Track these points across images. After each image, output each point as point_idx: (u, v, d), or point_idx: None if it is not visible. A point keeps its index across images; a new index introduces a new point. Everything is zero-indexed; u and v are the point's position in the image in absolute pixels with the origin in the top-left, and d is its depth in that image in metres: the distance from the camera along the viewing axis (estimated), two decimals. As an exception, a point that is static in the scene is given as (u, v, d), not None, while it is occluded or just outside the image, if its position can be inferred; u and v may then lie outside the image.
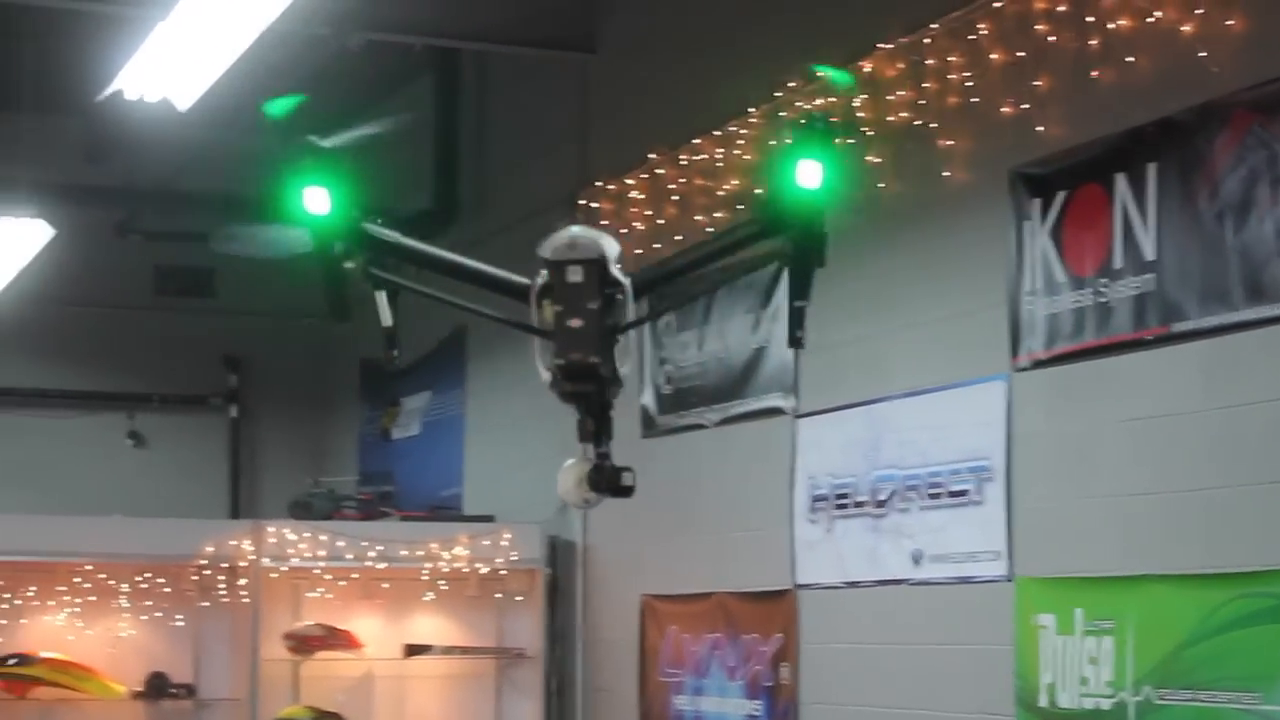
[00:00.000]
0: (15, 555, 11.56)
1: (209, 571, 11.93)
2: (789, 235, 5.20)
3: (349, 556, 11.99)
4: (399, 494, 14.24)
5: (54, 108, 14.36)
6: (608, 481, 5.35)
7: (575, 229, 5.24)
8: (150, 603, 11.96)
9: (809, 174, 5.05)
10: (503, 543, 12.16)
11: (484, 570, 12.19)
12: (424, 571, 12.15)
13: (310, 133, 5.21)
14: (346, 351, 16.11)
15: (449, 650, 12.37)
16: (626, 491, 5.44)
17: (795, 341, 5.46)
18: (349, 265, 5.33)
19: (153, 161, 14.26)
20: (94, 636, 11.91)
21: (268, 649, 11.90)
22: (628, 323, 5.23)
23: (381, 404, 15.29)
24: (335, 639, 12.10)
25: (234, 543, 11.88)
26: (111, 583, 11.87)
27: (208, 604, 12.00)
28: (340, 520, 12.68)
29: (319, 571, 12.10)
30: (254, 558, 11.86)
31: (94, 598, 11.88)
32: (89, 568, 11.79)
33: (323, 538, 11.98)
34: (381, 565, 12.05)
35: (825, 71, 7.31)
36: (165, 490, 15.61)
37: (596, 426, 5.38)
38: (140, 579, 11.89)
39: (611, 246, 5.23)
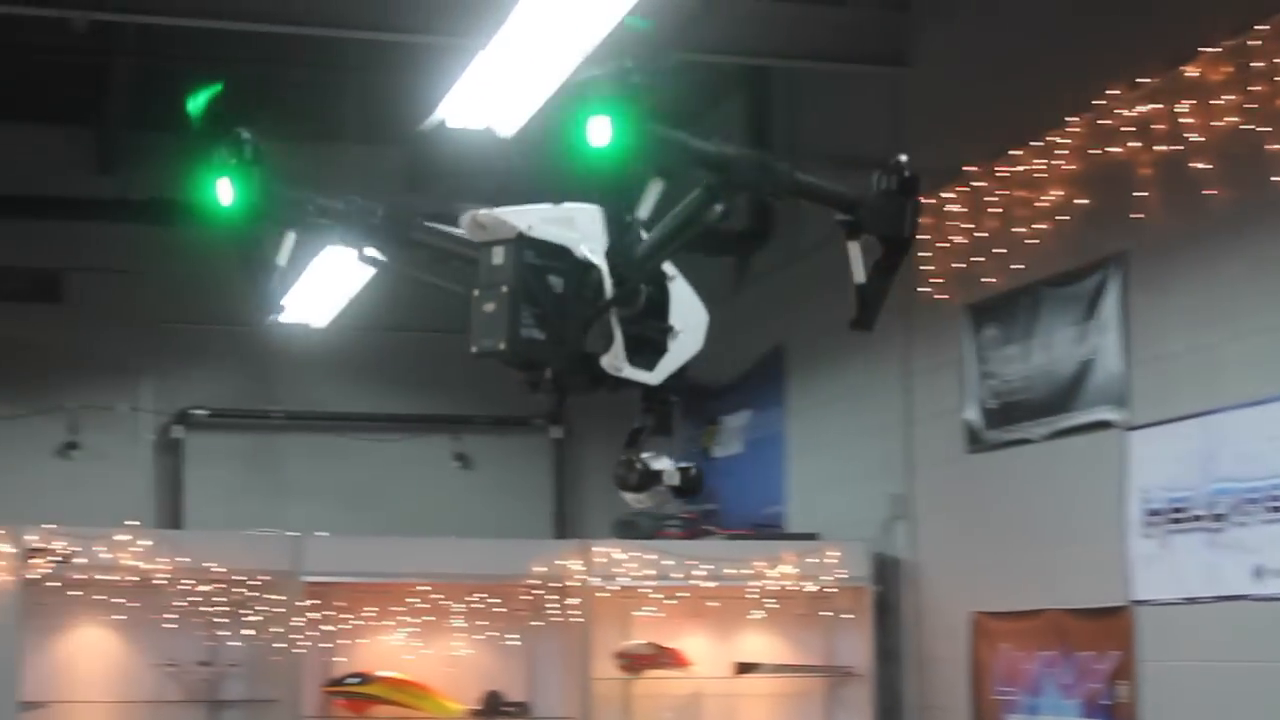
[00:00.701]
0: (355, 576, 11.82)
1: (540, 591, 12.08)
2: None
3: (676, 575, 12.05)
4: (722, 513, 14.29)
5: (377, 137, 14.72)
6: (637, 481, 5.23)
7: (482, 210, 4.97)
8: (485, 622, 12.14)
9: (598, 131, 4.76)
10: (829, 560, 12.13)
11: (811, 588, 12.18)
12: (751, 590, 12.17)
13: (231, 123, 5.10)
14: (665, 370, 16.21)
15: (778, 669, 12.38)
16: (683, 491, 5.26)
17: (857, 323, 5.25)
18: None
19: (473, 187, 14.51)
20: (431, 655, 12.12)
21: (599, 667, 12.02)
22: (604, 304, 4.96)
23: (702, 423, 15.36)
24: (665, 657, 12.17)
25: (564, 562, 12.01)
26: (447, 602, 12.08)
27: (540, 623, 12.15)
28: (664, 539, 12.77)
29: (647, 590, 12.17)
30: (584, 577, 11.98)
31: (430, 617, 12.10)
32: (425, 588, 12.01)
33: (650, 557, 12.05)
34: (709, 584, 12.10)
35: (631, 22, 6.69)
36: (490, 511, 15.86)
37: (648, 423, 5.23)
38: (474, 599, 12.09)
39: (571, 224, 4.96)
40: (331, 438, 16.20)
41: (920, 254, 11.33)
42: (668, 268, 5.23)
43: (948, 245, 10.97)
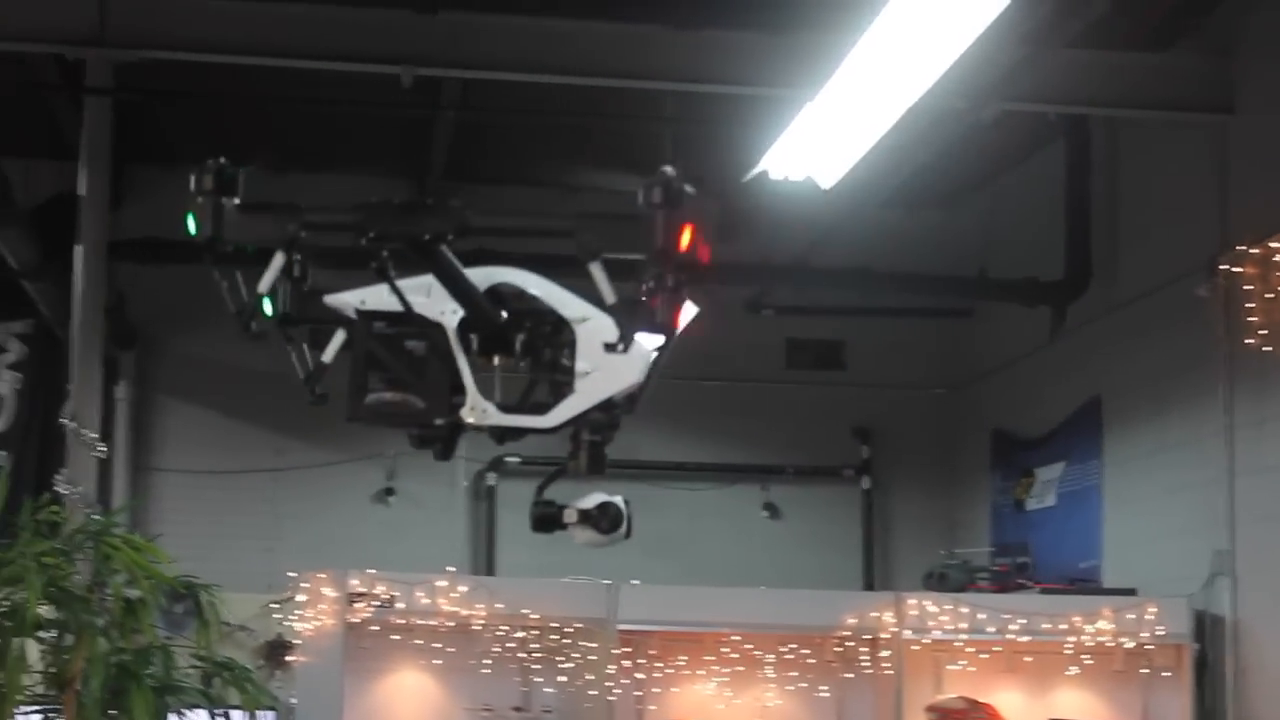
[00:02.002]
0: (667, 625, 11.89)
1: (851, 643, 12.01)
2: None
3: (990, 629, 11.88)
4: (1034, 566, 14.06)
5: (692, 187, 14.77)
6: (536, 523, 5.52)
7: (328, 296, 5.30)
8: (795, 673, 12.11)
9: (192, 223, 5.05)
10: (1147, 617, 11.86)
11: (1128, 645, 11.92)
12: (1067, 645, 11.95)
13: None
14: (976, 421, 16.05)
15: (1092, 727, 12.15)
16: (602, 529, 5.38)
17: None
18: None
19: (786, 237, 14.51)
20: (742, 706, 12.12)
21: (911, 721, 11.91)
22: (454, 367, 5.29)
23: (1014, 474, 15.16)
24: (978, 712, 11.99)
25: (875, 614, 11.92)
26: (757, 653, 12.07)
27: (851, 675, 12.08)
28: (975, 592, 12.61)
29: (960, 644, 12.02)
30: (895, 629, 11.88)
31: (741, 668, 12.11)
32: (736, 638, 12.02)
33: (963, 610, 11.90)
34: (1023, 638, 11.91)
35: None
36: (799, 561, 15.83)
37: (571, 463, 5.47)
38: (785, 649, 12.06)
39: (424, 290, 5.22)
40: (641, 485, 16.25)
41: (1246, 305, 11.08)
42: (574, 311, 5.34)
43: (1275, 295, 10.69)
